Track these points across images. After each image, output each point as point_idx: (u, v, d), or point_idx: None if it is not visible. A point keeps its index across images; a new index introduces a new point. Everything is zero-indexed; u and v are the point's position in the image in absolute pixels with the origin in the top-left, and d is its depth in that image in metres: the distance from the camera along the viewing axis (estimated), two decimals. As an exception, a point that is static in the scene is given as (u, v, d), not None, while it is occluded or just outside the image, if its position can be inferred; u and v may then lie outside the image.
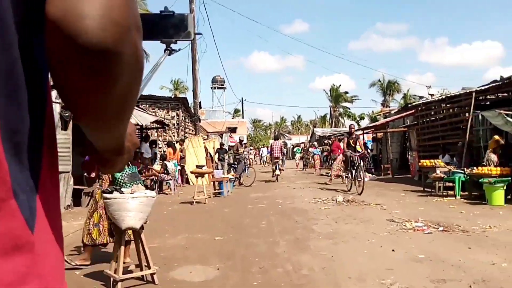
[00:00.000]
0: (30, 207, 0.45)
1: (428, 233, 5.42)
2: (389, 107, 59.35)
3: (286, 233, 5.79)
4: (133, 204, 3.41)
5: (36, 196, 0.47)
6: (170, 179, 12.11)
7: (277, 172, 15.94)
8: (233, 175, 13.11)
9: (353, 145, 11.56)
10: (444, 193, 9.84)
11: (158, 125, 14.41)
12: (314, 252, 4.57)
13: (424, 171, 11.59)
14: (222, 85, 54.04)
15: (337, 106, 64.00)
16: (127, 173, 3.92)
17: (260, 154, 41.13)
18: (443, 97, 13.53)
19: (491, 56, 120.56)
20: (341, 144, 13.21)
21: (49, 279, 0.47)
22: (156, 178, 11.99)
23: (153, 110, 17.63)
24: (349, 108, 64.04)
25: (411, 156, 16.24)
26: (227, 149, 20.95)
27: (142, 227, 3.59)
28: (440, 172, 9.92)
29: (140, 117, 11.20)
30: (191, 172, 9.58)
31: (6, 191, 0.42)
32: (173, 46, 1.22)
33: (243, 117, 49.28)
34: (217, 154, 18.44)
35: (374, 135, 20.95)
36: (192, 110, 17.88)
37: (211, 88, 56.53)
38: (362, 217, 6.94)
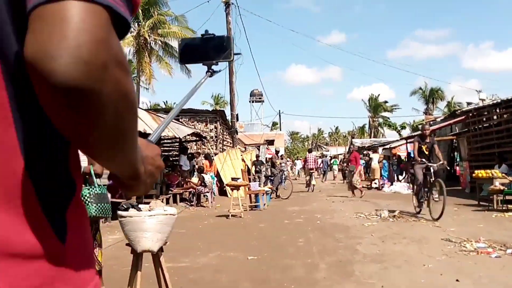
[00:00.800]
0: (62, 219, 0.52)
1: (496, 257, 4.64)
2: (432, 115, 57.24)
3: (326, 253, 5.20)
4: (150, 224, 2.98)
5: (67, 209, 0.54)
6: (208, 192, 11.78)
7: (313, 182, 16.76)
8: (269, 188, 12.61)
9: (426, 152, 8.58)
10: (504, 208, 8.84)
11: (196, 138, 14.21)
12: (360, 279, 3.95)
13: (479, 183, 10.57)
14: (260, 98, 54.00)
15: (376, 116, 62.36)
16: (93, 192, 3.22)
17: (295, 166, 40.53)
18: (498, 101, 12.42)
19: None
20: (412, 149, 10.10)
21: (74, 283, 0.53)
22: (194, 190, 11.71)
23: (192, 124, 17.54)
24: (388, 118, 62.10)
25: (461, 167, 15.08)
26: (264, 161, 20.53)
27: (161, 249, 3.15)
28: (499, 184, 8.94)
29: (178, 129, 10.99)
30: (227, 185, 9.19)
31: (35, 207, 0.49)
32: (214, 67, 1.22)
33: (280, 129, 48.84)
34: (253, 166, 18.07)
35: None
36: (230, 123, 17.62)
37: (249, 101, 56.69)
38: (412, 235, 6.22)
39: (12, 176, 0.49)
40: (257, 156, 19.09)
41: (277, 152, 14.15)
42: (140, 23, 29.21)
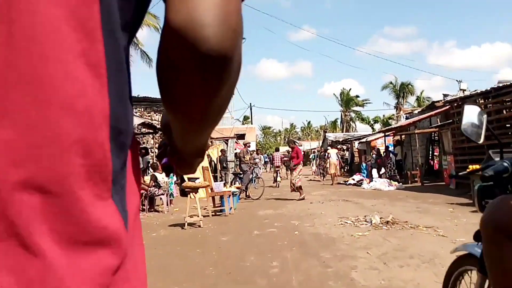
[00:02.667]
0: (123, 206, 0.46)
1: None
2: (408, 108, 57.38)
3: (312, 287, 3.65)
4: None
5: (125, 196, 0.48)
6: (163, 194, 10.04)
7: (278, 179, 18.42)
8: (237, 188, 11.00)
9: None
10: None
11: (150, 130, 12.34)
12: None
13: (474, 179, 9.34)
14: (230, 90, 52.41)
15: (348, 110, 62.32)
16: None
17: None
18: (489, 89, 11.26)
19: (501, 57, 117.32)
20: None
21: (137, 278, 0.49)
22: (146, 192, 9.95)
23: (149, 114, 15.67)
24: (361, 112, 61.94)
25: (445, 161, 13.96)
26: (234, 157, 18.86)
27: None
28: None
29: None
30: (182, 187, 7.55)
31: (107, 190, 0.43)
32: None
33: (252, 123, 47.24)
34: (219, 163, 16.40)
35: (399, 138, 18.67)
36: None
37: (218, 94, 54.94)
38: (418, 251, 4.76)
39: (98, 149, 0.42)
40: (223, 151, 17.43)
41: (245, 145, 12.48)
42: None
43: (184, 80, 0.45)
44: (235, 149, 19.56)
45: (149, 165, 10.47)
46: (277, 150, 20.52)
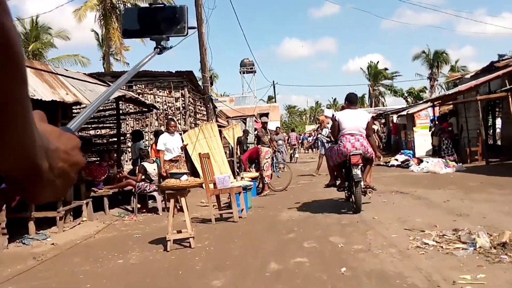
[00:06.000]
0: None
1: None
2: (437, 80, 53.08)
3: None
4: None
5: None
6: (156, 190, 7.55)
7: (296, 155, 20.98)
8: (252, 178, 8.39)
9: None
10: None
11: (142, 108, 9.76)
12: None
13: None
14: (251, 68, 49.26)
15: (376, 84, 58.49)
16: None
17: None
18: None
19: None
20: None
21: None
22: (134, 190, 7.51)
23: (151, 92, 13.16)
24: (392, 84, 57.77)
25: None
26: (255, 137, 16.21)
27: None
28: None
29: (92, 92, 6.63)
30: (161, 188, 4.95)
31: None
32: (164, 43, 1.09)
33: (275, 102, 44.23)
34: (238, 146, 13.79)
35: (454, 108, 15.51)
36: (202, 87, 13.25)
37: (240, 72, 52.08)
38: None
39: None
40: (245, 132, 14.79)
41: (263, 124, 9.84)
42: (105, -16, 24.43)
43: None
44: (256, 129, 16.88)
45: (141, 153, 7.95)
46: (292, 130, 23.64)
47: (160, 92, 13.00)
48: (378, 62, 58.63)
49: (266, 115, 37.89)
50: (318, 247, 4.31)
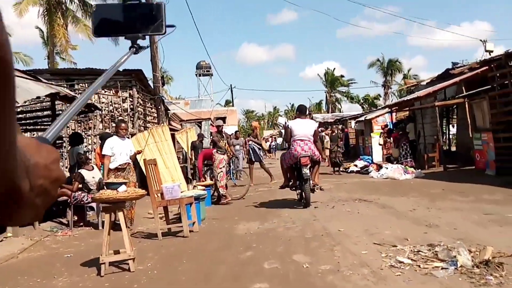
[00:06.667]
0: None
1: None
2: (391, 88, 54.89)
3: None
4: None
5: None
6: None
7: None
8: (206, 185, 7.71)
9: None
10: None
11: (85, 109, 8.73)
12: None
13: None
14: (208, 71, 48.60)
15: (333, 91, 59.69)
16: None
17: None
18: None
19: (480, 36, 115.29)
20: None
21: None
22: (69, 200, 6.58)
23: (97, 92, 12.09)
24: (349, 91, 59.09)
25: (477, 139, 10.88)
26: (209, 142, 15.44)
27: None
28: None
29: (18, 88, 5.66)
30: (94, 200, 4.15)
31: None
32: (140, 42, 1.06)
33: (233, 105, 43.55)
34: (192, 151, 13.02)
35: (411, 114, 15.58)
36: (152, 87, 12.35)
37: (196, 75, 51.17)
38: None
39: None
40: (200, 136, 14.04)
41: (218, 127, 9.24)
42: (48, -25, 22.83)
43: None
44: (211, 133, 16.15)
45: (78, 158, 7.00)
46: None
47: (105, 92, 11.98)
48: (334, 69, 59.81)
49: (223, 119, 37.14)
50: (281, 269, 3.69)
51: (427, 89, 13.42)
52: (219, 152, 8.29)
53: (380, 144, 15.67)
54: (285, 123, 7.71)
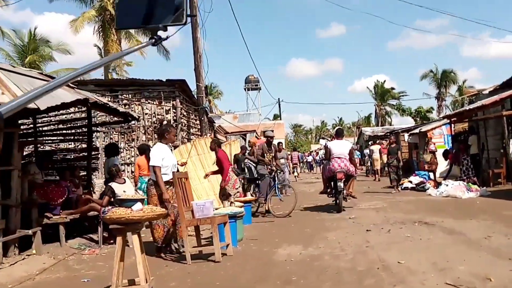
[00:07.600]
0: None
1: None
2: (445, 100, 51.90)
3: None
4: None
5: None
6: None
7: (295, 173, 22.56)
8: (247, 201, 7.07)
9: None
10: None
11: (119, 118, 8.35)
12: None
13: None
14: (256, 85, 48.48)
15: (383, 104, 57.42)
16: None
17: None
18: None
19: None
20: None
21: None
22: (99, 215, 6.18)
23: (138, 103, 11.93)
24: (400, 103, 56.56)
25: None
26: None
27: None
28: None
29: (52, 97, 5.33)
30: (106, 221, 3.60)
31: None
32: (161, 33, 1.06)
33: (280, 119, 42.95)
34: (235, 164, 12.43)
35: (471, 126, 14.14)
36: (196, 98, 11.99)
37: (245, 89, 51.32)
38: None
39: None
40: (243, 148, 13.46)
41: (269, 138, 8.61)
42: (103, -6, 23.66)
43: None
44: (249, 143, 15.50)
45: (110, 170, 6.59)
46: (294, 150, 25.47)
47: (148, 103, 11.77)
48: (384, 81, 57.74)
49: (271, 131, 36.28)
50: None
51: (492, 97, 12.02)
52: (233, 170, 7.96)
53: (427, 162, 14.33)
54: (325, 144, 9.52)
